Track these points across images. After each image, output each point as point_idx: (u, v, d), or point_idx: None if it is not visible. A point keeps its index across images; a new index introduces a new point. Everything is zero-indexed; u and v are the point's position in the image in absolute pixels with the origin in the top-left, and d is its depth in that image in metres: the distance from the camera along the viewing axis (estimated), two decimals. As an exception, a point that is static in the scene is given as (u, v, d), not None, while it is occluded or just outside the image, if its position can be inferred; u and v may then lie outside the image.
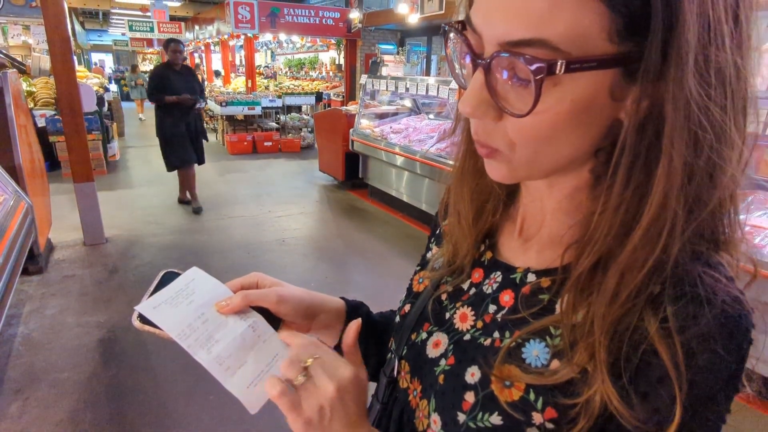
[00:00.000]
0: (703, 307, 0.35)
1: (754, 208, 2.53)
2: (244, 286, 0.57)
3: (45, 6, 3.54)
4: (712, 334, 0.35)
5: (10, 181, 3.00)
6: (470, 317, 0.51)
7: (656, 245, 0.36)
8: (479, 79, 0.38)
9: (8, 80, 3.29)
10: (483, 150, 0.42)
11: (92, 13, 16.86)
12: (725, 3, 0.33)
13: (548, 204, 0.47)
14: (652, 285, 0.37)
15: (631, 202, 0.37)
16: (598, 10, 0.32)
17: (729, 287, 0.37)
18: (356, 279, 3.72)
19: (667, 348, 0.35)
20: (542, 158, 0.40)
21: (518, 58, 0.34)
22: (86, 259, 3.80)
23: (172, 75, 4.76)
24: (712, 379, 0.36)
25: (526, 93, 0.35)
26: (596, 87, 0.35)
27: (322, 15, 9.53)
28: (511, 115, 0.37)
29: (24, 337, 2.73)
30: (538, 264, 0.48)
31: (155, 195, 5.80)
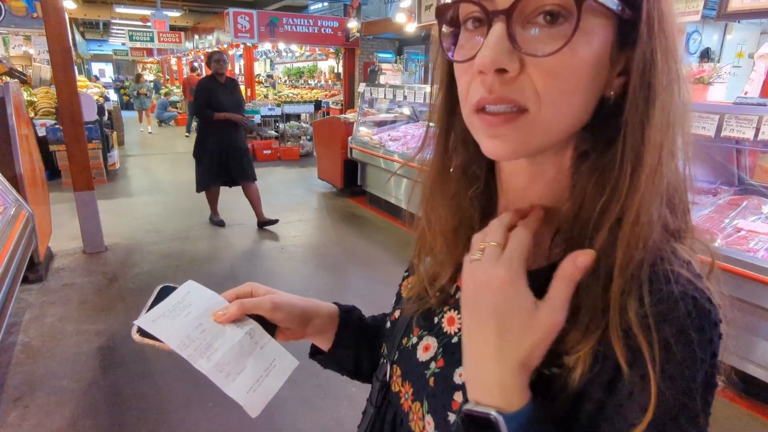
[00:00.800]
0: (677, 304, 0.38)
1: (749, 213, 2.56)
2: (239, 295, 0.58)
3: (47, 17, 3.59)
4: (686, 329, 0.37)
5: (11, 190, 3.02)
6: (457, 320, 0.53)
7: (630, 218, 0.39)
8: (500, 30, 0.38)
9: (10, 90, 3.32)
10: (497, 118, 0.40)
11: (93, 24, 17.00)
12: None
13: (529, 197, 0.48)
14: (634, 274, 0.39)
15: (618, 172, 0.39)
16: None
17: (699, 284, 0.39)
18: (355, 285, 3.74)
19: (645, 339, 0.37)
20: (561, 118, 0.40)
21: None
22: (86, 268, 3.81)
23: (218, 89, 4.50)
24: (688, 373, 0.37)
25: (553, 34, 0.37)
26: (606, 42, 0.39)
27: (320, 24, 9.62)
28: (540, 56, 0.37)
29: (24, 345, 2.74)
30: None
31: (154, 203, 5.82)
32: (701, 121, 2.34)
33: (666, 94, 0.38)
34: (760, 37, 6.16)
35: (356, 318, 0.69)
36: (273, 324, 0.57)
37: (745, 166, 2.93)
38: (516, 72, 0.38)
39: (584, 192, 0.42)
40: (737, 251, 2.20)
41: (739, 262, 2.14)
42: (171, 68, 19.34)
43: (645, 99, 0.39)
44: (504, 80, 0.39)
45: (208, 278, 3.65)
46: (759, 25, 6.24)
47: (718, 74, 2.51)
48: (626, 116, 0.39)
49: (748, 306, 2.17)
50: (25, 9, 7.19)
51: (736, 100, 2.31)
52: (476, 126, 0.42)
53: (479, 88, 0.40)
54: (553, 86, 0.38)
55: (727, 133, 2.22)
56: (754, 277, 2.09)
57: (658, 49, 0.38)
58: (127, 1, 12.36)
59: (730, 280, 2.20)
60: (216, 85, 4.52)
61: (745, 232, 2.35)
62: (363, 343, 0.68)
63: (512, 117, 0.40)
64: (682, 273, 0.39)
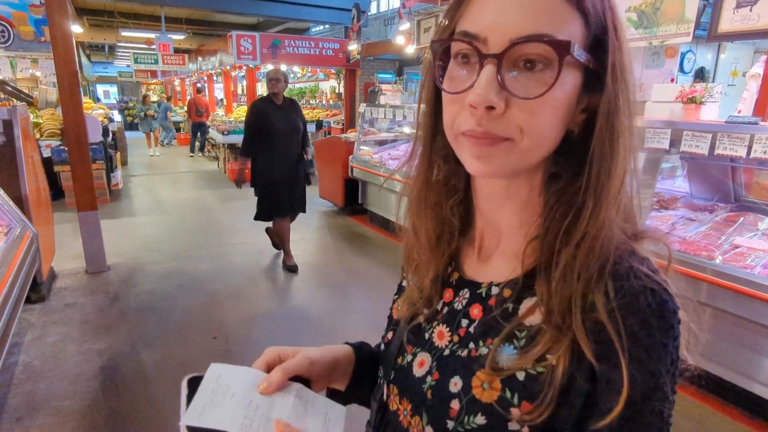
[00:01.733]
0: (638, 296, 0.43)
1: (745, 229, 2.58)
2: (269, 363, 0.59)
3: (54, 42, 3.68)
4: (645, 314, 0.43)
5: (17, 210, 3.07)
6: (446, 334, 0.56)
7: (603, 229, 0.45)
8: (491, 71, 0.43)
9: (18, 113, 3.39)
10: (485, 142, 0.45)
11: (99, 47, 17.31)
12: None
13: (504, 220, 0.54)
14: (598, 273, 0.45)
15: (583, 195, 0.46)
16: (579, 23, 0.44)
17: (656, 278, 0.45)
18: (356, 304, 3.74)
19: (613, 329, 0.43)
20: (538, 148, 0.46)
21: (543, 42, 0.42)
22: (88, 287, 3.83)
23: (273, 111, 4.01)
24: (654, 356, 0.43)
25: (536, 80, 0.43)
26: (575, 86, 0.45)
27: (322, 46, 9.80)
28: (525, 98, 0.43)
29: (25, 365, 2.74)
30: (499, 277, 0.54)
31: (157, 222, 5.86)
32: (695, 140, 2.38)
33: (627, 133, 0.45)
34: (754, 56, 6.26)
35: (367, 352, 0.72)
36: (307, 379, 0.59)
37: (740, 182, 2.97)
38: (502, 110, 0.44)
39: (554, 212, 0.48)
40: (734, 268, 2.22)
41: (737, 279, 2.15)
42: (175, 89, 19.63)
43: (610, 139, 0.45)
44: (491, 116, 0.44)
45: (209, 298, 3.66)
46: (752, 45, 6.34)
47: (710, 94, 2.57)
48: (592, 153, 0.46)
49: (751, 324, 2.17)
50: (33, 33, 7.34)
51: (728, 119, 2.35)
52: (463, 145, 0.48)
53: (469, 118, 0.45)
54: (533, 123, 0.44)
55: (720, 151, 2.26)
56: (754, 294, 2.10)
57: (620, 95, 0.45)
58: (133, 25, 12.61)
59: (729, 297, 2.20)
60: (270, 107, 4.02)
61: (745, 248, 2.36)
62: (377, 374, 0.71)
63: (496, 142, 0.45)
64: (641, 269, 0.45)
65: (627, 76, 0.45)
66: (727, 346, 2.30)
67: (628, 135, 0.46)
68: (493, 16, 0.44)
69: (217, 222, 5.94)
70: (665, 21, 3.09)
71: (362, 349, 0.71)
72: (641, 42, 3.28)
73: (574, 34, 0.43)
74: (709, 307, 2.28)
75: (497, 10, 0.43)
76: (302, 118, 4.23)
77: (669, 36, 3.08)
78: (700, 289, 2.29)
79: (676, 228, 2.70)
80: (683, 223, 2.77)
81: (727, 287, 2.18)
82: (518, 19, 0.42)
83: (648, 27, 3.18)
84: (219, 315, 3.41)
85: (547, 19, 0.42)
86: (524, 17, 0.42)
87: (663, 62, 5.68)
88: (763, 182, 2.98)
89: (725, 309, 2.23)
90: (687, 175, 3.19)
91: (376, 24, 14.08)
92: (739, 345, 2.26)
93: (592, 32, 0.44)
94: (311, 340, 3.10)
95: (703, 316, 0.49)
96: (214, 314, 3.41)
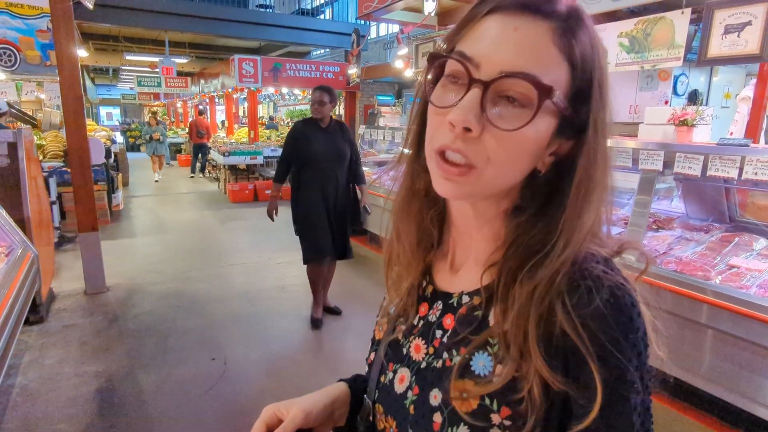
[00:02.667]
0: (593, 294, 0.45)
1: (740, 250, 2.60)
2: (269, 425, 0.60)
3: (61, 67, 3.77)
4: (604, 313, 0.44)
5: (18, 231, 3.09)
6: (422, 346, 0.58)
7: (564, 254, 0.47)
8: (476, 96, 0.46)
9: (22, 136, 3.45)
10: (453, 169, 0.48)
11: (103, 70, 17.61)
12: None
13: (474, 234, 0.57)
14: (555, 282, 0.47)
15: (547, 222, 0.49)
16: (566, 72, 0.47)
17: (613, 276, 0.46)
18: (355, 325, 3.73)
19: (573, 331, 0.44)
20: (501, 178, 0.49)
21: (530, 81, 0.44)
22: (87, 308, 3.82)
23: (315, 134, 3.39)
24: (617, 351, 0.44)
25: (514, 114, 0.46)
26: (548, 130, 0.48)
27: (322, 69, 9.98)
28: (501, 129, 0.46)
29: (22, 387, 2.72)
30: (469, 287, 0.56)
31: (157, 243, 5.88)
32: (688, 162, 2.42)
33: (601, 186, 0.49)
34: (746, 79, 6.37)
35: (362, 384, 0.73)
36: (309, 429, 0.61)
37: (735, 203, 3.00)
38: (478, 134, 0.46)
39: (517, 241, 0.50)
40: (731, 288, 2.23)
41: (734, 299, 2.16)
42: (177, 111, 19.89)
43: (586, 190, 0.48)
44: (466, 137, 0.47)
45: (208, 319, 3.66)
46: (744, 68, 6.47)
47: (701, 117, 2.62)
48: (568, 203, 0.48)
49: (752, 346, 2.15)
50: (39, 57, 7.49)
51: (719, 141, 2.40)
52: (434, 168, 0.51)
53: (446, 133, 0.48)
54: (500, 153, 0.47)
55: (712, 173, 2.30)
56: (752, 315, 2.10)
57: (599, 151, 0.48)
58: (137, 49, 12.86)
59: (727, 317, 2.21)
60: (312, 128, 3.41)
61: (743, 269, 2.36)
62: None
63: (464, 171, 0.48)
64: (595, 269, 0.46)
65: (607, 133, 0.49)
66: (727, 367, 2.29)
67: (602, 188, 0.49)
68: (490, 45, 0.46)
69: (216, 243, 5.95)
70: (656, 46, 3.17)
71: (357, 383, 0.72)
72: (633, 66, 3.36)
73: (558, 81, 0.46)
74: (708, 327, 2.29)
75: (495, 40, 0.46)
76: (352, 144, 3.56)
77: (660, 60, 3.16)
78: (698, 310, 2.30)
79: (673, 248, 2.72)
80: (680, 243, 2.79)
81: (724, 308, 2.18)
82: (511, 54, 0.45)
83: (639, 52, 3.27)
84: (217, 336, 3.40)
85: (537, 60, 0.45)
86: (517, 54, 0.45)
87: (657, 85, 5.79)
88: (759, 202, 3.01)
89: (724, 330, 2.23)
90: (682, 195, 3.23)
91: (375, 48, 14.36)
92: (738, 366, 2.26)
93: (576, 83, 0.47)
94: (310, 361, 3.09)
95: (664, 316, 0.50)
96: (212, 335, 3.40)
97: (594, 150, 0.48)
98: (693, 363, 2.36)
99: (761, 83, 3.15)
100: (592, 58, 0.47)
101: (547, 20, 0.46)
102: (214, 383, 2.80)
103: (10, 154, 3.40)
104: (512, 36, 0.46)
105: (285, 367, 3.01)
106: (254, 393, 2.72)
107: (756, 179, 2.17)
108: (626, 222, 2.86)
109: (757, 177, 2.15)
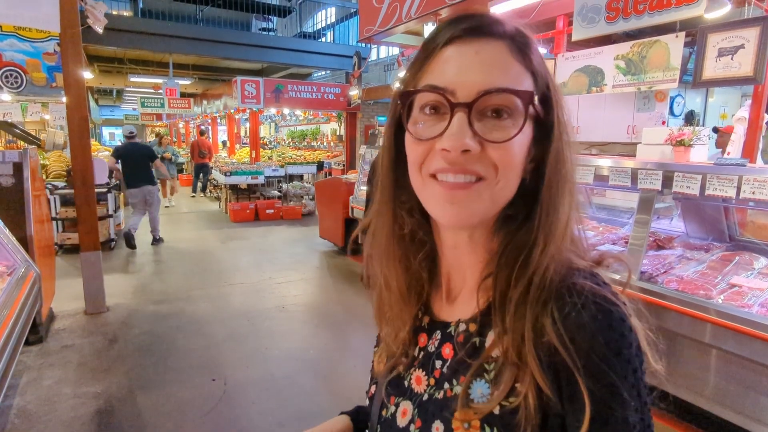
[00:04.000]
0: (580, 311, 0.45)
1: (741, 269, 2.60)
2: None
3: (68, 89, 3.83)
4: (592, 329, 0.44)
5: (21, 250, 3.10)
6: (423, 378, 0.58)
7: (548, 263, 0.49)
8: (462, 119, 0.48)
9: (28, 156, 3.49)
10: (458, 186, 0.49)
11: (107, 91, 17.86)
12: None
13: (467, 259, 0.57)
14: (542, 299, 0.48)
15: (533, 232, 0.50)
16: (530, 81, 0.50)
17: (601, 291, 0.47)
18: (355, 346, 3.71)
19: (563, 348, 0.44)
20: (507, 188, 0.50)
21: (509, 92, 0.47)
22: (86, 328, 3.80)
23: None
24: (607, 368, 0.43)
25: (503, 126, 0.48)
26: (530, 136, 0.51)
27: (323, 91, 10.14)
28: (495, 142, 0.48)
29: (20, 408, 2.69)
30: (465, 314, 0.56)
31: (157, 262, 5.88)
32: (686, 181, 2.45)
33: (570, 179, 0.51)
34: (741, 100, 6.47)
35: (363, 416, 0.73)
36: None
37: (734, 222, 3.02)
38: (478, 151, 0.48)
39: (507, 251, 0.52)
40: (733, 307, 2.22)
41: (736, 318, 2.16)
42: (179, 131, 20.09)
43: (557, 185, 0.50)
44: (467, 158, 0.48)
45: (208, 339, 3.63)
46: (739, 89, 6.57)
47: (697, 137, 2.66)
48: (543, 197, 0.50)
49: (757, 366, 2.13)
50: (45, 79, 7.61)
51: (716, 161, 2.43)
52: (434, 190, 0.51)
53: (440, 160, 0.49)
54: (507, 161, 0.49)
55: (710, 192, 2.32)
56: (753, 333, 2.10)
57: (564, 147, 0.51)
58: (142, 71, 13.08)
59: (731, 336, 2.20)
60: None
61: (745, 288, 2.36)
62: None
63: (470, 184, 0.49)
64: (585, 284, 0.47)
65: (568, 130, 0.52)
66: (732, 387, 2.27)
67: (571, 183, 0.51)
68: (459, 71, 0.49)
69: (217, 262, 5.95)
70: (652, 68, 3.24)
71: (359, 415, 0.72)
72: (630, 88, 3.42)
73: (529, 89, 0.50)
74: (711, 347, 2.28)
75: (460, 67, 0.49)
76: None
77: (656, 82, 3.22)
78: (701, 329, 2.29)
79: (674, 267, 2.72)
80: (680, 262, 2.79)
81: (727, 327, 2.18)
82: (482, 74, 0.48)
83: (635, 74, 3.34)
84: (218, 356, 3.37)
85: (506, 74, 0.48)
86: (487, 73, 0.48)
87: (653, 106, 5.88)
88: (758, 221, 3.03)
89: (727, 349, 2.22)
90: (682, 214, 3.25)
91: (376, 69, 14.60)
92: (743, 386, 2.24)
93: (540, 90, 0.51)
94: (310, 382, 3.06)
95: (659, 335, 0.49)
96: (212, 356, 3.38)
97: (560, 148, 0.51)
98: (696, 383, 2.34)
99: (756, 104, 3.20)
100: (543, 67, 0.51)
101: (501, 40, 0.49)
102: (214, 405, 2.77)
103: (15, 173, 3.43)
104: (476, 59, 0.49)
105: (285, 387, 2.98)
106: (254, 415, 2.69)
107: (753, 198, 2.19)
108: (626, 241, 2.87)
109: (755, 196, 2.17)
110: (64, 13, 3.52)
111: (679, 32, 3.11)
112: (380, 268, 0.62)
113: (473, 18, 0.50)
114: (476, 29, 0.50)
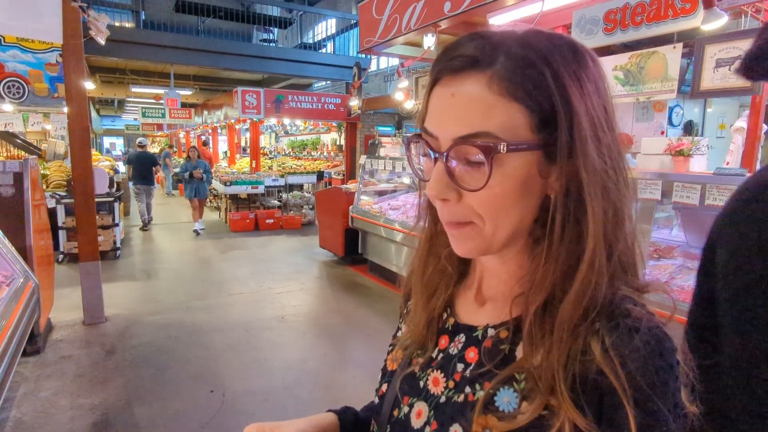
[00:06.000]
0: (633, 335, 0.44)
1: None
2: None
3: (70, 100, 3.85)
4: (645, 355, 0.43)
5: (20, 260, 3.09)
6: (441, 380, 0.57)
7: (590, 284, 0.46)
8: (440, 168, 0.48)
9: (29, 166, 3.50)
10: (454, 228, 0.51)
11: (108, 101, 17.96)
12: (598, 100, 0.48)
13: (499, 267, 0.56)
14: (590, 319, 0.46)
15: (566, 252, 0.48)
16: (521, 111, 0.45)
17: (651, 319, 0.46)
18: (356, 356, 3.68)
19: (611, 371, 0.43)
20: (502, 228, 0.49)
21: (471, 145, 0.46)
22: (84, 339, 3.78)
23: None
24: (655, 397, 0.42)
25: (480, 173, 0.46)
26: (529, 166, 0.47)
27: (323, 101, 10.19)
28: (470, 190, 0.47)
29: (16, 421, 2.66)
30: (495, 319, 0.55)
31: (156, 272, 5.86)
32: (685, 191, 2.45)
33: (597, 198, 0.46)
34: (739, 110, 6.50)
35: (351, 416, 0.72)
36: None
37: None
38: (456, 200, 0.49)
39: (539, 273, 0.50)
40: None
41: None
42: (180, 141, 20.16)
43: (575, 210, 0.47)
44: (448, 207, 0.50)
45: (207, 350, 3.61)
46: (737, 100, 6.60)
47: (696, 147, 2.67)
48: (562, 223, 0.48)
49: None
50: (47, 90, 7.66)
51: (715, 171, 2.44)
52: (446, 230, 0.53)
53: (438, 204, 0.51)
54: (487, 209, 0.48)
55: (710, 202, 2.32)
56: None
57: (580, 168, 0.46)
58: (143, 81, 13.17)
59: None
60: None
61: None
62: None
63: (463, 225, 0.50)
64: (636, 311, 0.46)
65: (588, 147, 0.46)
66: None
67: (600, 199, 0.46)
68: (439, 116, 0.48)
69: (216, 272, 5.93)
70: (650, 79, 3.26)
71: (346, 414, 0.71)
72: (628, 98, 3.44)
73: (514, 122, 0.45)
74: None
75: (440, 111, 0.48)
76: None
77: (654, 93, 3.23)
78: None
79: (675, 277, 2.71)
80: (681, 272, 2.78)
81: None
82: (456, 120, 0.47)
83: (634, 84, 3.35)
84: (216, 367, 3.35)
85: (481, 117, 0.45)
86: (462, 118, 0.46)
87: (652, 116, 5.90)
88: (758, 231, 3.02)
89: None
90: (682, 224, 3.24)
91: (376, 80, 14.70)
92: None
93: (537, 115, 0.46)
94: (309, 393, 3.03)
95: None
96: (211, 367, 3.35)
97: (573, 170, 0.46)
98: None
99: (754, 114, 3.21)
100: (545, 83, 0.45)
101: (483, 72, 0.46)
102: (213, 416, 2.74)
103: (15, 183, 3.44)
104: (451, 103, 0.47)
105: (285, 399, 2.96)
106: (253, 426, 2.66)
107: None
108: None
109: (755, 206, 2.17)
110: (67, 25, 3.55)
111: (676, 43, 3.13)
112: (416, 262, 0.65)
113: (457, 48, 0.48)
114: (455, 68, 0.47)
